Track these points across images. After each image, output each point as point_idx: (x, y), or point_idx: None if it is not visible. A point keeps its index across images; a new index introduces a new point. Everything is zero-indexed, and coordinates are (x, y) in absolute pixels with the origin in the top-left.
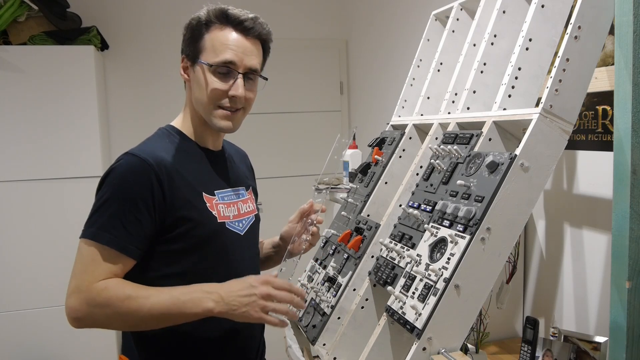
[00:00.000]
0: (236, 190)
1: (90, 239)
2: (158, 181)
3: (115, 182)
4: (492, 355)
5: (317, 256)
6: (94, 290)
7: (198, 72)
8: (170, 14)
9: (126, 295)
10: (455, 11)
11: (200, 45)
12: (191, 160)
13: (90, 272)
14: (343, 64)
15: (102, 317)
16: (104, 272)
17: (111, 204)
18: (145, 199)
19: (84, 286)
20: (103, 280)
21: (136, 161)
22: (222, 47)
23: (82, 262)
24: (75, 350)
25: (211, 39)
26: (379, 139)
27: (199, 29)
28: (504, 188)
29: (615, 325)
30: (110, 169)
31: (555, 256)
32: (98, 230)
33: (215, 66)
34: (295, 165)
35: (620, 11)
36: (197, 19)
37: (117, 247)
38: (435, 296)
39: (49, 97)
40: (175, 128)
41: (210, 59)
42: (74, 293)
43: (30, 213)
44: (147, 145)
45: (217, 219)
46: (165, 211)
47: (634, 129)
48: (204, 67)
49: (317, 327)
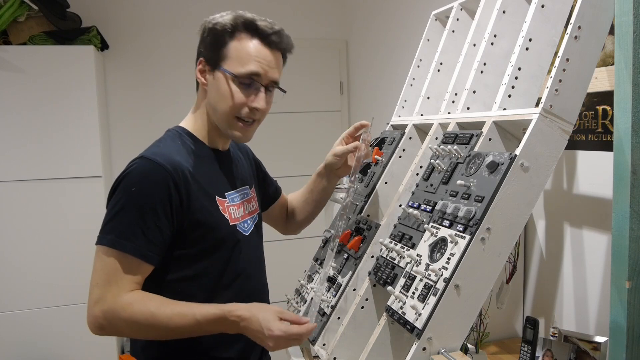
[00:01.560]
0: (242, 190)
1: (112, 247)
2: (175, 186)
3: (132, 188)
4: (492, 355)
5: (317, 256)
6: (119, 304)
7: (219, 80)
8: (170, 14)
9: (150, 312)
10: (455, 11)
11: (224, 52)
12: (203, 162)
13: (113, 282)
14: (343, 64)
15: (126, 329)
16: (127, 282)
17: (129, 210)
18: (163, 205)
19: (108, 298)
20: (128, 294)
21: (153, 166)
22: (248, 59)
23: (104, 271)
24: (75, 350)
25: (237, 49)
26: (379, 139)
27: (223, 36)
28: (504, 188)
29: (615, 325)
30: (125, 173)
31: (555, 256)
32: (118, 238)
33: (240, 77)
34: (295, 165)
35: (620, 11)
36: (223, 25)
37: (139, 255)
38: (435, 296)
39: (49, 97)
40: (185, 130)
41: (234, 68)
42: (97, 303)
43: (30, 213)
44: (160, 149)
45: (229, 222)
46: (183, 216)
47: (634, 129)
48: (227, 76)
49: (317, 327)
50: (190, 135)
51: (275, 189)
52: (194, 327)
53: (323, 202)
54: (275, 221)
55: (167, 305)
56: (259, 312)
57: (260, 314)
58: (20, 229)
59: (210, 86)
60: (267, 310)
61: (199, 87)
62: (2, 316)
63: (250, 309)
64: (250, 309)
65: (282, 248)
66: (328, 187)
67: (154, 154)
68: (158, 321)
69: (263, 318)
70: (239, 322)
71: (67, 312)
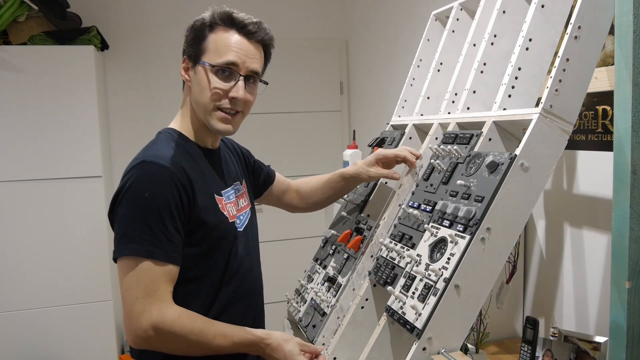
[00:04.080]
0: (235, 187)
1: (140, 257)
2: (183, 187)
3: (145, 193)
4: (492, 355)
5: (317, 256)
6: (167, 316)
7: (199, 73)
8: (170, 14)
9: (199, 329)
10: (455, 11)
11: (203, 46)
12: (197, 162)
13: (152, 293)
14: (343, 64)
15: (174, 343)
16: (167, 291)
17: (148, 216)
18: (177, 207)
19: (154, 311)
20: (172, 308)
21: (158, 169)
22: (225, 49)
23: (141, 283)
24: (75, 350)
25: (214, 41)
26: (379, 139)
27: (203, 30)
28: (504, 188)
29: (615, 325)
30: (131, 180)
31: (555, 256)
32: (145, 246)
33: (217, 67)
34: (295, 165)
35: (620, 11)
36: (202, 21)
37: (168, 259)
38: (435, 296)
39: (49, 97)
40: (176, 130)
41: (212, 59)
42: (142, 316)
43: (30, 213)
44: (157, 151)
45: (229, 220)
46: (190, 216)
47: (634, 129)
48: (205, 68)
49: (317, 327)
50: (180, 135)
51: (267, 174)
52: (229, 348)
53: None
54: (277, 203)
55: (211, 323)
56: (286, 344)
57: (286, 346)
58: (20, 229)
59: (192, 82)
60: (291, 342)
61: (184, 85)
62: (2, 316)
63: (277, 339)
64: (277, 339)
65: (282, 248)
66: (347, 188)
67: (154, 157)
68: (205, 338)
69: (289, 350)
70: (265, 348)
71: (67, 312)
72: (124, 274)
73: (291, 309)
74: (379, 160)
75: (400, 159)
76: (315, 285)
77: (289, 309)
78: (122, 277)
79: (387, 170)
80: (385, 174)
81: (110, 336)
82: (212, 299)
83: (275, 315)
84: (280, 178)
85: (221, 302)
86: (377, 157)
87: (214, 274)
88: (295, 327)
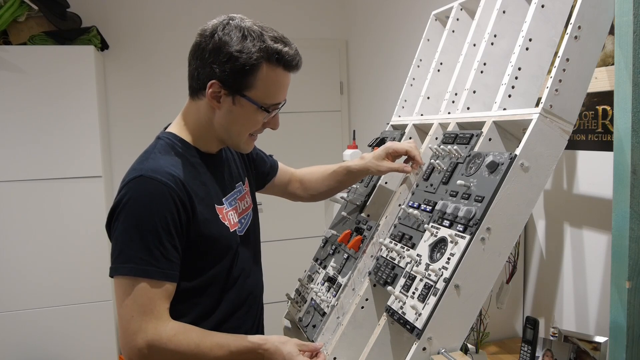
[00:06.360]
0: (236, 189)
1: (136, 276)
2: (182, 203)
3: (141, 212)
4: (492, 355)
5: (317, 256)
6: (163, 334)
7: (242, 106)
8: (170, 14)
9: (195, 344)
10: (455, 11)
11: (249, 81)
12: (198, 171)
13: (149, 311)
14: (343, 64)
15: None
16: (163, 309)
17: (145, 234)
18: (175, 224)
19: (149, 329)
20: (168, 325)
21: (156, 185)
22: (276, 90)
23: (137, 301)
24: (75, 350)
25: (264, 79)
26: (379, 139)
27: (249, 65)
28: (504, 188)
29: (615, 325)
30: (127, 197)
31: (555, 256)
32: (140, 265)
33: (266, 107)
34: (295, 165)
35: (620, 11)
36: (248, 56)
37: (165, 277)
38: (435, 296)
39: (49, 97)
40: (176, 136)
41: (261, 99)
42: (138, 334)
43: (30, 213)
44: (156, 163)
45: (230, 229)
46: (190, 231)
47: (634, 129)
48: (252, 106)
49: (317, 327)
50: (181, 141)
51: (270, 166)
52: (227, 357)
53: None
54: (279, 193)
55: (207, 335)
56: (284, 347)
57: (284, 348)
58: (20, 229)
59: (225, 109)
60: (289, 343)
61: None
62: (2, 316)
63: (275, 343)
64: (274, 343)
65: (282, 248)
66: (352, 182)
67: (152, 172)
68: (202, 352)
69: (287, 352)
70: (264, 353)
71: (67, 312)
72: (121, 292)
73: (291, 309)
74: (389, 155)
75: (411, 156)
76: (315, 285)
77: (289, 309)
78: (118, 295)
79: (399, 164)
80: (396, 167)
81: (110, 336)
82: (213, 307)
83: (275, 315)
84: (284, 168)
85: (223, 310)
86: (387, 150)
87: (215, 285)
88: (295, 327)
